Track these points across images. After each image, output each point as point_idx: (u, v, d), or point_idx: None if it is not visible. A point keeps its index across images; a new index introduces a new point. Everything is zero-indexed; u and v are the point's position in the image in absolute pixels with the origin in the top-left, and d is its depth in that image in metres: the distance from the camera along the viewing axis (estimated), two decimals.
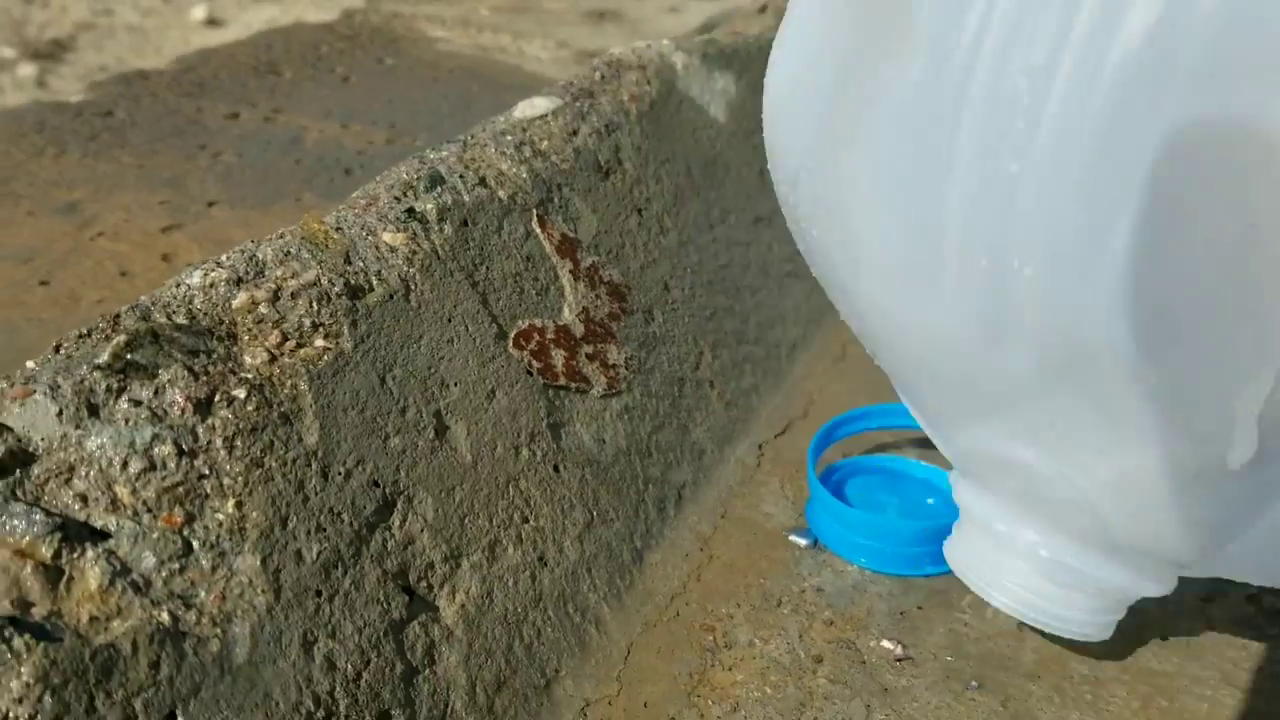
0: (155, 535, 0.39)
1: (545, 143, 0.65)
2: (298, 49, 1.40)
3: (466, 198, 0.58)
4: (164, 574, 0.38)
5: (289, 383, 0.45)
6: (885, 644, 0.51)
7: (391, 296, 0.51)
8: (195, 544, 0.39)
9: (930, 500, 0.61)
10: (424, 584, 0.45)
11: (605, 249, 0.64)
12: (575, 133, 0.68)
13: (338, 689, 0.40)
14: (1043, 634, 0.51)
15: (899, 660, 0.51)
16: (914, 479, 0.62)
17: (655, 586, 0.54)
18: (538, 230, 0.60)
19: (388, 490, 0.46)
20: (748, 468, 0.64)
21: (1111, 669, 0.50)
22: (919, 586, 0.55)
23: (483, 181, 0.59)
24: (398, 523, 0.45)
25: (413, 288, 0.52)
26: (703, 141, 0.78)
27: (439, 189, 0.57)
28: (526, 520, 0.51)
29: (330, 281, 0.49)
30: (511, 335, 0.55)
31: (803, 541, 0.58)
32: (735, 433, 0.66)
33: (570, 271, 0.61)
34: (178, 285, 0.47)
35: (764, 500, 0.62)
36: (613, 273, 0.64)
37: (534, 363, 0.55)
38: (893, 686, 0.49)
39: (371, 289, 0.50)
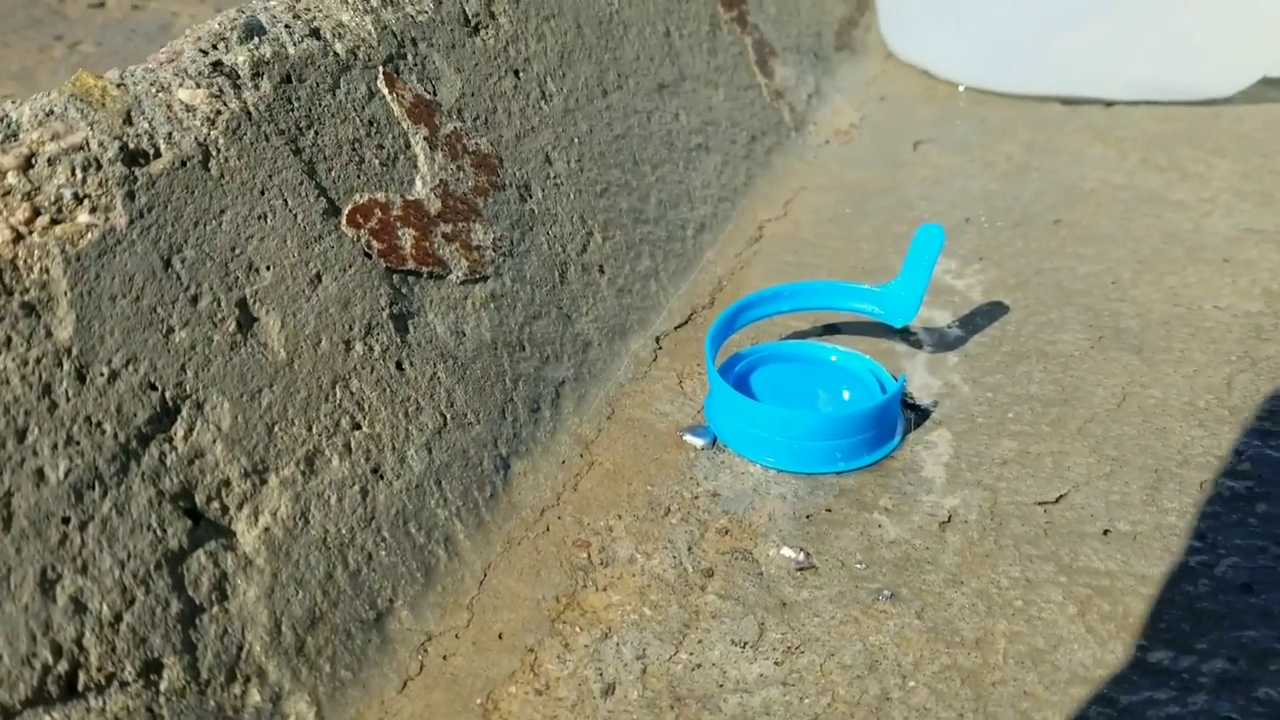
0: None
1: None
2: None
3: (292, 50, 0.48)
4: None
5: (38, 266, 0.36)
6: (785, 552, 0.44)
7: (184, 164, 0.42)
8: None
9: (847, 392, 0.53)
10: (215, 505, 0.37)
11: (472, 114, 0.55)
12: None
13: (88, 635, 0.32)
14: (968, 534, 0.44)
15: (800, 569, 0.44)
16: (829, 366, 0.55)
17: (523, 499, 0.47)
18: (385, 90, 0.52)
19: (169, 394, 0.37)
20: (642, 362, 0.57)
21: (1046, 570, 0.43)
22: (828, 485, 0.48)
23: (315, 33, 0.50)
24: (181, 433, 0.37)
25: (214, 154, 0.43)
26: None
27: (257, 40, 0.48)
28: (358, 426, 0.43)
29: (102, 145, 0.40)
30: (345, 211, 0.47)
31: (699, 442, 0.51)
32: (629, 323, 0.58)
33: (426, 139, 0.52)
34: None
35: (658, 398, 0.54)
36: (480, 141, 0.55)
37: (374, 243, 0.47)
38: (792, 600, 0.42)
39: (158, 154, 0.41)
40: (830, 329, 0.60)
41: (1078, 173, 0.76)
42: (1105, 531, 0.45)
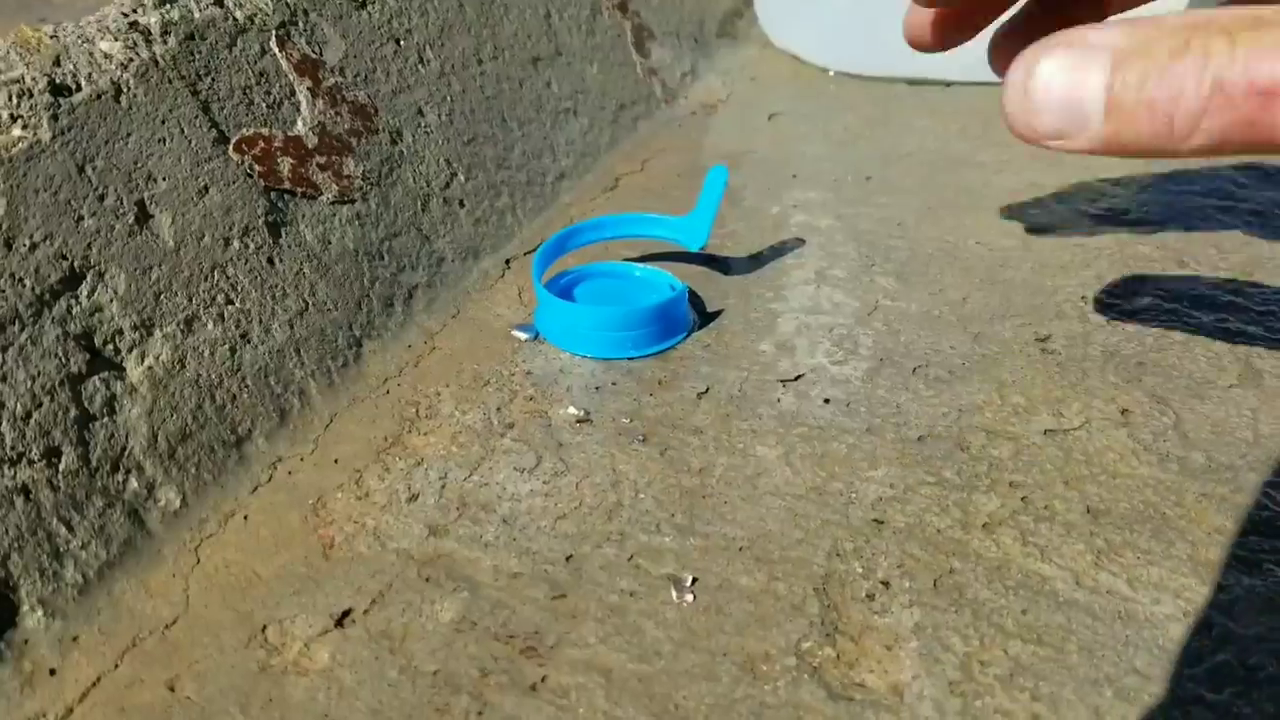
0: None
1: None
2: None
3: (197, 15, 0.60)
4: None
5: None
6: (570, 410, 0.56)
7: (99, 97, 0.54)
8: None
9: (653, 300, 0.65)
10: (110, 347, 0.49)
11: (353, 72, 0.67)
12: None
13: (4, 424, 0.44)
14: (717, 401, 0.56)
15: (579, 422, 0.56)
16: (635, 279, 0.67)
17: (370, 370, 0.59)
18: (276, 49, 0.64)
19: (76, 263, 0.49)
20: (491, 277, 0.69)
21: (770, 424, 0.55)
22: (619, 367, 0.60)
23: (219, 2, 0.62)
24: (85, 293, 0.49)
25: (124, 91, 0.55)
26: None
27: (169, 6, 0.60)
28: (231, 302, 0.55)
29: (34, 80, 0.52)
30: (233, 141, 0.59)
31: (524, 335, 0.63)
32: (482, 247, 0.70)
33: (309, 89, 0.64)
34: None
35: (499, 304, 0.66)
36: (359, 94, 0.67)
37: (256, 166, 0.59)
38: (567, 442, 0.54)
39: (79, 89, 0.53)
40: (647, 254, 0.72)
41: (901, 140, 0.89)
42: (826, 400, 0.57)
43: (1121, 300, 0.66)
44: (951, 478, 0.52)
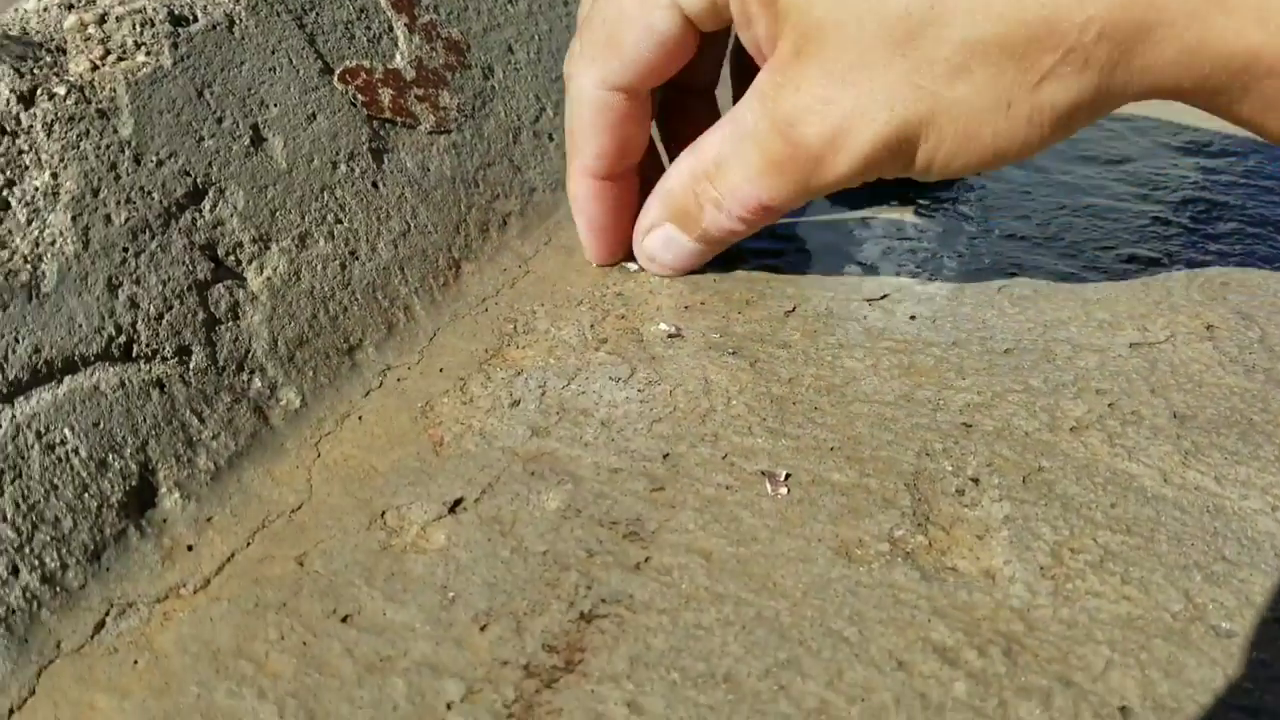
0: None
1: None
2: None
3: None
4: None
5: (108, 86, 0.51)
6: (662, 326, 0.58)
7: (214, 27, 0.57)
8: (13, 202, 0.46)
9: None
10: (232, 258, 0.52)
11: (446, 10, 0.70)
12: None
13: (139, 323, 0.47)
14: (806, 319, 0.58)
15: (670, 336, 0.57)
16: None
17: (469, 289, 0.61)
18: None
19: (199, 180, 0.52)
20: None
21: (857, 338, 0.57)
22: (706, 288, 0.62)
23: None
24: (208, 207, 0.52)
25: (237, 22, 0.58)
26: None
27: None
28: (340, 221, 0.57)
29: (155, 10, 0.55)
30: (337, 72, 0.61)
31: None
32: None
33: (406, 25, 0.67)
34: (15, 10, 0.54)
35: None
36: (452, 30, 0.69)
37: (359, 96, 0.62)
38: (660, 355, 0.56)
39: (195, 20, 0.56)
40: None
41: None
42: (912, 317, 0.58)
43: (1205, 225, 0.66)
44: (1038, 385, 0.53)
